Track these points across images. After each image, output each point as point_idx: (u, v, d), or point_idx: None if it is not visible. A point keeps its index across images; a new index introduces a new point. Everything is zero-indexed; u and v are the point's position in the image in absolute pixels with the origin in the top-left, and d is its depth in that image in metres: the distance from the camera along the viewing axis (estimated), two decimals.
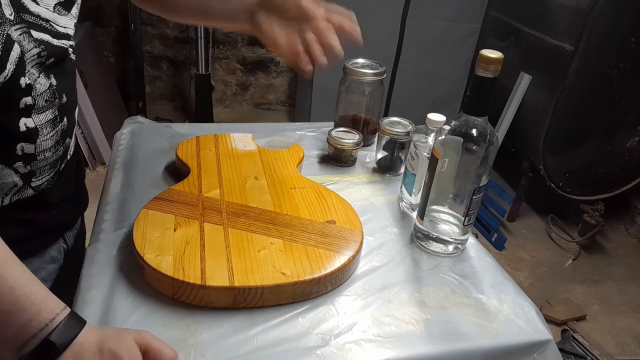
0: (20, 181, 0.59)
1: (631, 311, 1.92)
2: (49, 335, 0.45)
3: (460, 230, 0.71)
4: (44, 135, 0.59)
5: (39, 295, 0.46)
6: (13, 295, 0.45)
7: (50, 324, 0.46)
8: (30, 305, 0.45)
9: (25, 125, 0.57)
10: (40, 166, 0.61)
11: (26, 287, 0.46)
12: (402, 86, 2.49)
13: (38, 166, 0.61)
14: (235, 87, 3.09)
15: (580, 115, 2.00)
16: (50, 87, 0.59)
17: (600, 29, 1.82)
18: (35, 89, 0.56)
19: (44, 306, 0.46)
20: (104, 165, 2.40)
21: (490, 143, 0.64)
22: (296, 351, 0.55)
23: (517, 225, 2.35)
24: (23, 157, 0.58)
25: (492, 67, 0.60)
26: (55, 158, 0.63)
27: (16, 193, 0.60)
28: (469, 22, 2.41)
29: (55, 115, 0.60)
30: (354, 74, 0.93)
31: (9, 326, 0.45)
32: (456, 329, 0.60)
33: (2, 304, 0.44)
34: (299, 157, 0.87)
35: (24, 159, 0.58)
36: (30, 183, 0.61)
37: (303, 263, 0.61)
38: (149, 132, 0.97)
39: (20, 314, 0.45)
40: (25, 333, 0.45)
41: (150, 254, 0.60)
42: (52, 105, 0.59)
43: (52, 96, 0.59)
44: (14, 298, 0.45)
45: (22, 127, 0.56)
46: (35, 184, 0.61)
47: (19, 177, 0.59)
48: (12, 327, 0.45)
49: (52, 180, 0.64)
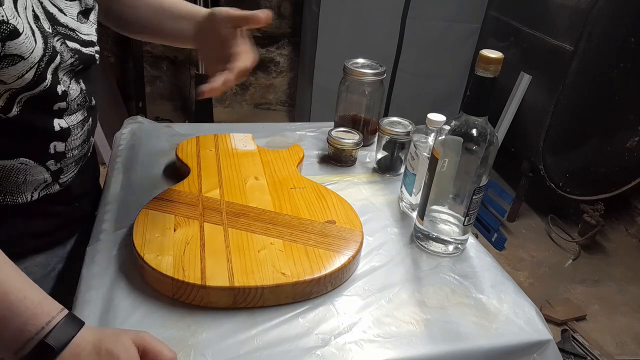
0: (50, 177, 0.63)
1: (631, 311, 1.92)
2: (45, 337, 0.46)
3: (460, 230, 0.70)
4: (75, 135, 0.64)
5: (34, 299, 0.47)
6: (7, 301, 0.46)
7: (47, 326, 0.46)
8: (25, 310, 0.46)
9: (60, 125, 0.61)
10: (68, 163, 0.65)
11: (21, 292, 0.47)
12: (402, 86, 2.48)
13: (66, 163, 0.65)
14: (235, 87, 3.09)
15: (580, 115, 2.00)
16: (82, 91, 0.63)
17: (600, 29, 1.82)
18: (70, 94, 0.60)
19: (40, 310, 0.47)
20: (104, 165, 2.40)
21: (490, 143, 0.64)
22: (296, 351, 0.55)
23: (517, 225, 2.35)
24: (55, 156, 0.62)
25: (492, 67, 0.60)
26: (80, 155, 0.67)
27: (44, 188, 0.63)
28: (469, 22, 2.41)
29: (85, 116, 0.65)
30: (354, 74, 0.93)
31: (6, 330, 0.45)
32: (456, 329, 0.60)
33: None
34: (299, 157, 0.87)
35: (56, 157, 0.62)
36: (59, 180, 0.65)
37: (303, 263, 0.61)
38: (149, 132, 0.97)
39: (15, 318, 0.46)
40: (22, 336, 0.45)
41: (150, 254, 0.60)
42: (83, 108, 0.64)
43: (83, 100, 0.63)
44: (8, 303, 0.46)
45: (56, 127, 0.60)
46: (62, 180, 0.65)
47: (49, 174, 0.63)
48: (9, 331, 0.46)
49: (76, 176, 0.68)
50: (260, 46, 2.98)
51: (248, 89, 3.12)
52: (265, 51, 3.00)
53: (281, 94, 3.17)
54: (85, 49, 0.62)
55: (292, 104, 3.18)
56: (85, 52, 0.62)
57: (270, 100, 3.18)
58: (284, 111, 3.20)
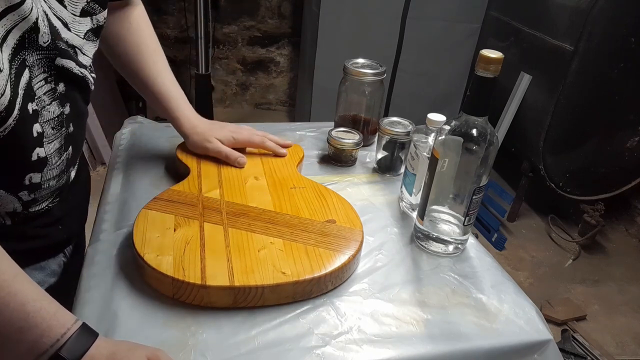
0: (20, 207, 0.59)
1: (631, 311, 1.92)
2: (60, 350, 0.45)
3: (460, 230, 0.70)
4: (52, 164, 0.59)
5: (50, 310, 0.47)
6: (24, 312, 0.45)
7: (62, 338, 0.46)
8: (41, 321, 0.45)
9: (37, 155, 0.56)
10: (43, 194, 0.61)
11: (37, 303, 0.46)
12: (402, 86, 2.48)
13: (41, 194, 0.61)
14: (236, 87, 3.09)
15: (580, 115, 2.00)
16: (60, 115, 0.58)
17: (600, 29, 1.82)
18: (42, 115, 0.55)
19: (55, 321, 0.46)
20: (104, 165, 2.40)
21: (490, 143, 0.64)
22: (296, 351, 0.55)
23: (517, 225, 2.35)
24: (29, 187, 0.58)
25: (492, 67, 0.60)
26: (59, 186, 0.63)
27: (13, 215, 0.59)
28: (469, 22, 2.41)
29: (62, 144, 0.60)
30: (354, 74, 0.93)
31: (22, 342, 0.45)
32: (456, 329, 0.60)
33: (14, 321, 0.44)
34: (299, 157, 0.87)
35: (30, 188, 0.58)
36: (29, 209, 0.60)
37: (303, 262, 0.61)
38: (149, 132, 0.97)
39: (32, 330, 0.45)
40: (37, 349, 0.45)
41: (150, 254, 0.60)
42: (58, 132, 0.59)
43: (58, 124, 0.58)
44: (25, 314, 0.45)
45: (34, 156, 0.56)
46: (34, 209, 0.61)
47: (20, 203, 0.58)
48: (25, 344, 0.45)
49: (53, 204, 0.64)
50: (260, 46, 2.98)
51: (248, 89, 3.12)
52: (265, 51, 3.00)
53: (281, 94, 3.17)
54: (78, 69, 0.59)
55: (292, 104, 3.18)
56: (76, 71, 0.58)
57: (270, 100, 3.18)
58: (284, 111, 3.20)
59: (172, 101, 0.80)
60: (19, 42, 0.50)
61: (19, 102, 0.51)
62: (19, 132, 0.52)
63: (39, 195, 0.60)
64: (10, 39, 0.49)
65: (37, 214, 0.62)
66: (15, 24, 0.48)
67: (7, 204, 0.57)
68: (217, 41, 2.90)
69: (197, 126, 0.82)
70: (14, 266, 0.47)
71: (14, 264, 0.47)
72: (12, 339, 0.45)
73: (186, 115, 0.82)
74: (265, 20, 2.91)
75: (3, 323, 0.44)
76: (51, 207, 0.64)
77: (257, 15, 2.89)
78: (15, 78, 0.50)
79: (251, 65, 3.04)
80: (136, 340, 0.52)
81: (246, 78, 3.08)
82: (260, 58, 3.03)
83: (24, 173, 0.56)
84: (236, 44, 2.95)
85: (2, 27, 0.47)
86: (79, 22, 0.58)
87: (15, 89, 0.50)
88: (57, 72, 0.56)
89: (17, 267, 0.48)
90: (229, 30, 2.89)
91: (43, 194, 0.61)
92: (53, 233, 0.67)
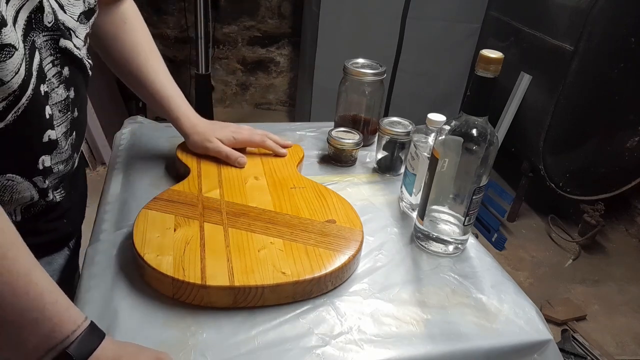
0: (37, 195, 0.59)
1: (631, 311, 1.92)
2: (68, 347, 0.45)
3: (460, 230, 0.70)
4: (60, 148, 0.60)
5: (63, 304, 0.46)
6: (42, 302, 0.44)
7: (71, 335, 0.45)
8: (55, 314, 0.45)
9: (49, 137, 0.57)
10: (53, 182, 0.62)
11: (53, 295, 0.46)
12: (402, 86, 2.48)
13: (52, 182, 0.61)
14: (236, 87, 3.09)
15: (580, 115, 2.00)
16: (67, 98, 0.59)
17: (600, 29, 1.82)
18: (51, 97, 0.56)
19: (67, 317, 0.46)
20: (104, 165, 2.40)
21: (491, 143, 0.64)
22: (296, 351, 0.55)
23: (517, 225, 2.35)
24: (43, 172, 0.58)
25: (492, 67, 0.60)
26: (66, 171, 0.64)
27: (30, 207, 0.60)
28: (469, 22, 2.41)
29: (68, 128, 0.61)
30: (354, 74, 0.93)
31: (34, 335, 0.44)
32: (456, 329, 0.60)
33: (31, 311, 0.44)
34: (299, 157, 0.87)
35: (43, 173, 0.58)
36: (46, 197, 0.61)
37: (303, 262, 0.61)
38: (149, 132, 0.97)
39: (45, 322, 0.44)
40: (47, 344, 0.44)
41: (150, 254, 0.60)
42: (64, 116, 0.60)
43: (65, 107, 0.59)
44: (42, 305, 0.44)
45: (45, 138, 0.56)
46: (49, 198, 0.62)
47: (36, 191, 0.59)
48: (36, 337, 0.44)
49: (63, 193, 0.65)
50: (260, 46, 2.98)
51: (248, 89, 3.12)
52: (265, 51, 3.00)
53: (281, 94, 3.17)
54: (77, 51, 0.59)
55: (292, 104, 3.18)
56: (76, 53, 0.59)
57: (270, 100, 3.18)
58: (284, 111, 3.20)
59: (171, 101, 0.80)
60: (27, 22, 0.51)
61: (32, 82, 0.51)
62: (32, 113, 0.53)
63: (51, 183, 0.61)
64: (20, 19, 0.50)
65: (48, 207, 0.62)
66: (23, 3, 0.49)
67: (24, 192, 0.57)
68: (217, 41, 2.90)
69: (198, 125, 0.82)
70: (32, 256, 0.46)
71: (30, 254, 0.46)
72: (25, 330, 0.44)
73: (187, 115, 0.82)
74: (265, 20, 2.91)
75: (20, 312, 0.43)
76: (59, 199, 0.64)
77: (257, 15, 2.89)
78: (29, 58, 0.51)
79: (251, 65, 3.04)
80: (136, 341, 0.52)
81: (246, 78, 3.08)
82: (260, 58, 3.03)
83: (37, 155, 0.57)
84: (236, 44, 2.95)
85: (12, 7, 0.48)
86: (72, 4, 0.59)
87: (30, 69, 0.51)
88: (61, 54, 0.57)
89: (34, 257, 0.47)
90: (229, 30, 2.89)
91: (53, 180, 0.61)
92: (59, 227, 0.67)
